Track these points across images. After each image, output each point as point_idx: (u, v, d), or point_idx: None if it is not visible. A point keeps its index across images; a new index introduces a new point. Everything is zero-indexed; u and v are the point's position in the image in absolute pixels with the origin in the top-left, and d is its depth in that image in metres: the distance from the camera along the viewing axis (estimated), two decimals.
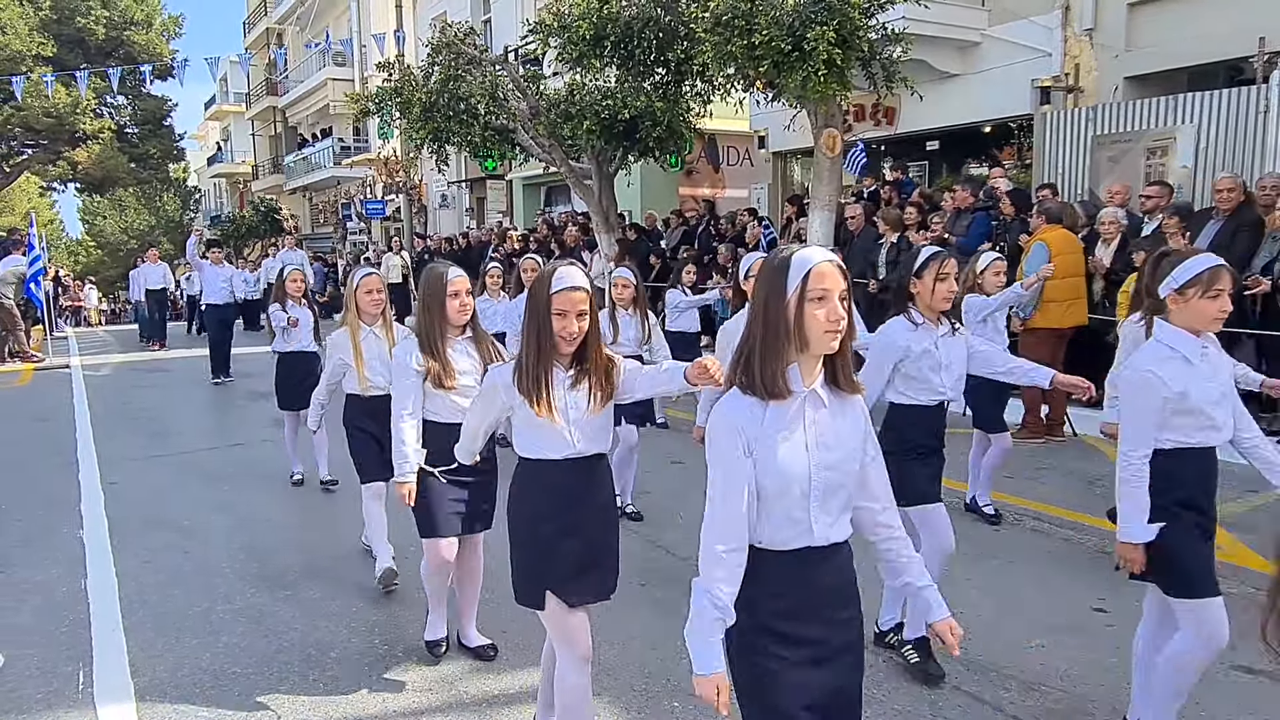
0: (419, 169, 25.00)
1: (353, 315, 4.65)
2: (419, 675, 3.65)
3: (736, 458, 1.93)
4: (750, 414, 1.94)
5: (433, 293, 3.53)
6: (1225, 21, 8.73)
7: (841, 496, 2.01)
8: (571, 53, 11.85)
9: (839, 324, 1.89)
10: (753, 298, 1.98)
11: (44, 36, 29.78)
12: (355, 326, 4.64)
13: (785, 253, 1.94)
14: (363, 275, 4.74)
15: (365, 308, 4.65)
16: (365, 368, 4.58)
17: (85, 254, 57.09)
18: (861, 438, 2.05)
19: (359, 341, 4.62)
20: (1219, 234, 6.81)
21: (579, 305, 2.60)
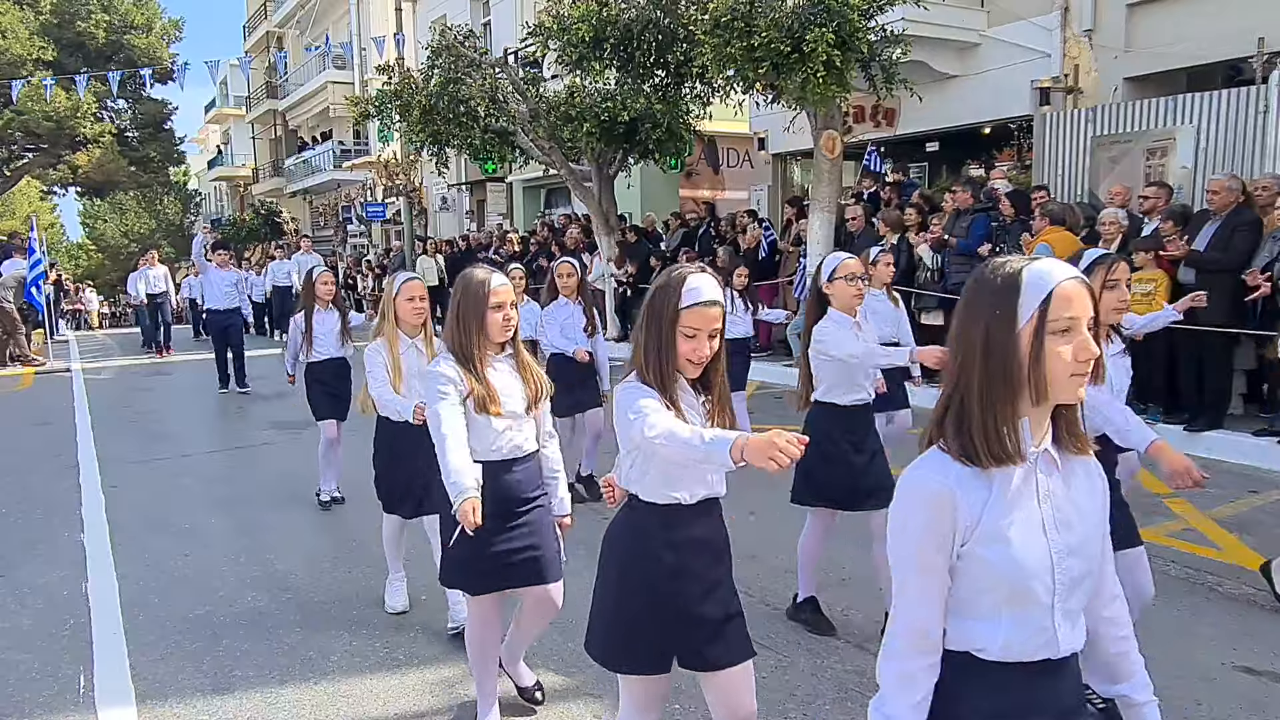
0: (419, 172, 25.01)
1: (390, 325, 4.08)
2: (420, 679, 3.65)
3: (940, 546, 1.45)
4: (968, 487, 1.44)
5: (471, 304, 2.95)
6: (1224, 22, 8.74)
7: (1086, 587, 1.52)
8: (571, 55, 11.87)
9: (1088, 364, 1.42)
10: (959, 328, 1.50)
11: (44, 40, 29.79)
12: (394, 338, 4.07)
13: (1010, 267, 1.46)
14: (404, 280, 4.19)
15: (406, 317, 4.09)
16: (404, 385, 4.02)
17: (86, 257, 57.11)
18: (1102, 509, 1.55)
19: (398, 356, 4.06)
20: (1217, 233, 6.81)
21: (713, 323, 2.14)
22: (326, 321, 6.02)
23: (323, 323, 6.00)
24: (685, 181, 17.72)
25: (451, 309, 2.99)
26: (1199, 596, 4.26)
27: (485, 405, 2.90)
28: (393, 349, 4.06)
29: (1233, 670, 3.53)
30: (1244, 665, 3.56)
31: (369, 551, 5.12)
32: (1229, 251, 6.70)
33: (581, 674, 3.61)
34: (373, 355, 4.08)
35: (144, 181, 37.40)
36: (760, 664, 3.65)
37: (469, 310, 2.94)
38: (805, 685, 3.48)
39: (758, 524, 5.31)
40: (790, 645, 3.82)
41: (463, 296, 2.98)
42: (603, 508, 3.26)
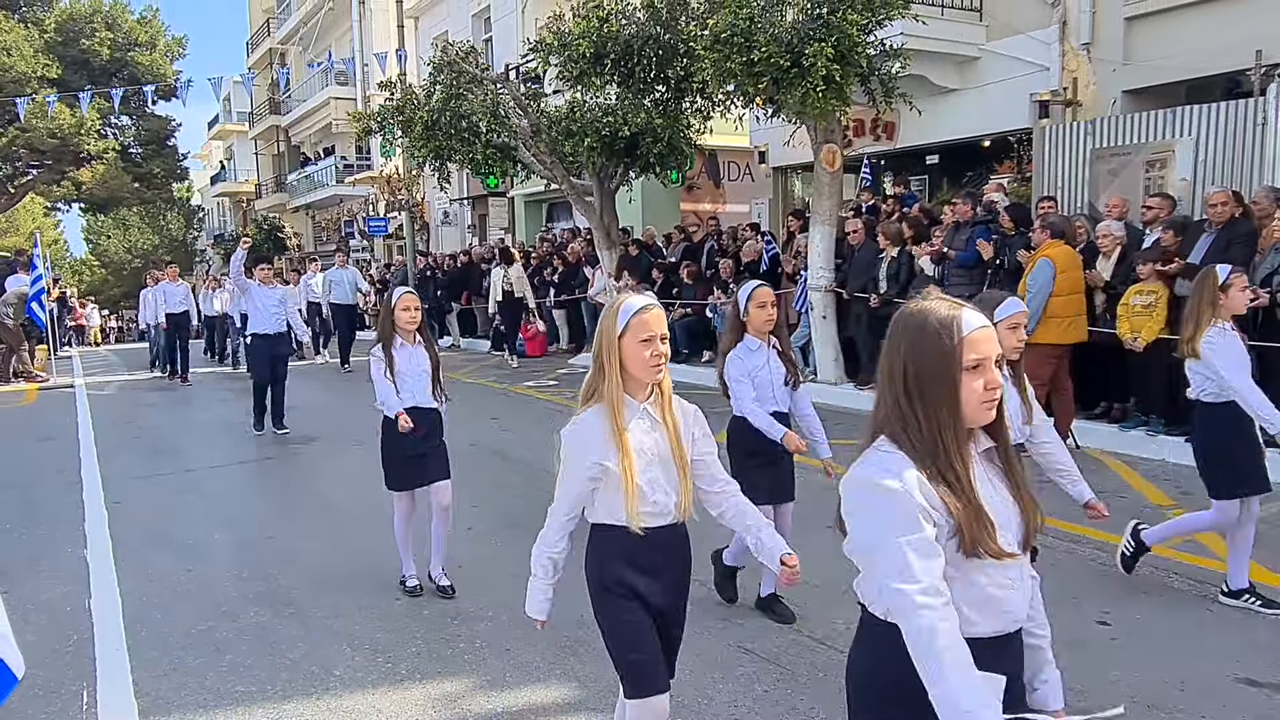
0: (421, 186, 25.12)
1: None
2: (423, 694, 3.65)
3: None
4: None
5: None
6: (1222, 35, 8.78)
7: None
8: (572, 70, 11.94)
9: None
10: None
11: (49, 58, 30.00)
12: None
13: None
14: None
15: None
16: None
17: (90, 273, 57.29)
18: None
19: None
20: (1213, 245, 6.83)
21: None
22: (412, 360, 4.69)
23: (408, 360, 4.67)
24: (686, 195, 17.78)
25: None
26: (1201, 608, 4.25)
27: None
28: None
29: (1235, 682, 3.53)
30: (1247, 677, 3.56)
31: (372, 567, 5.13)
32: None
33: (584, 688, 3.61)
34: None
35: (147, 197, 37.60)
36: (762, 676, 3.66)
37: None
38: (806, 698, 3.48)
39: None
40: (792, 658, 3.82)
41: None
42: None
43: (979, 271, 8.42)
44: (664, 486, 2.47)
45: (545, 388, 11.59)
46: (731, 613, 4.30)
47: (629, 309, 2.40)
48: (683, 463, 2.49)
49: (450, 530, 4.86)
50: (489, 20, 22.27)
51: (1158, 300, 6.94)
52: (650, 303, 2.44)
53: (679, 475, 2.50)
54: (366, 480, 7.23)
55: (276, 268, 13.06)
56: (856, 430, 1.93)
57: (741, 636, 4.04)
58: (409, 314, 4.66)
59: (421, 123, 13.31)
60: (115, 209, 40.84)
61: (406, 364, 4.65)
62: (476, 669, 3.84)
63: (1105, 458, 7.12)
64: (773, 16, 9.03)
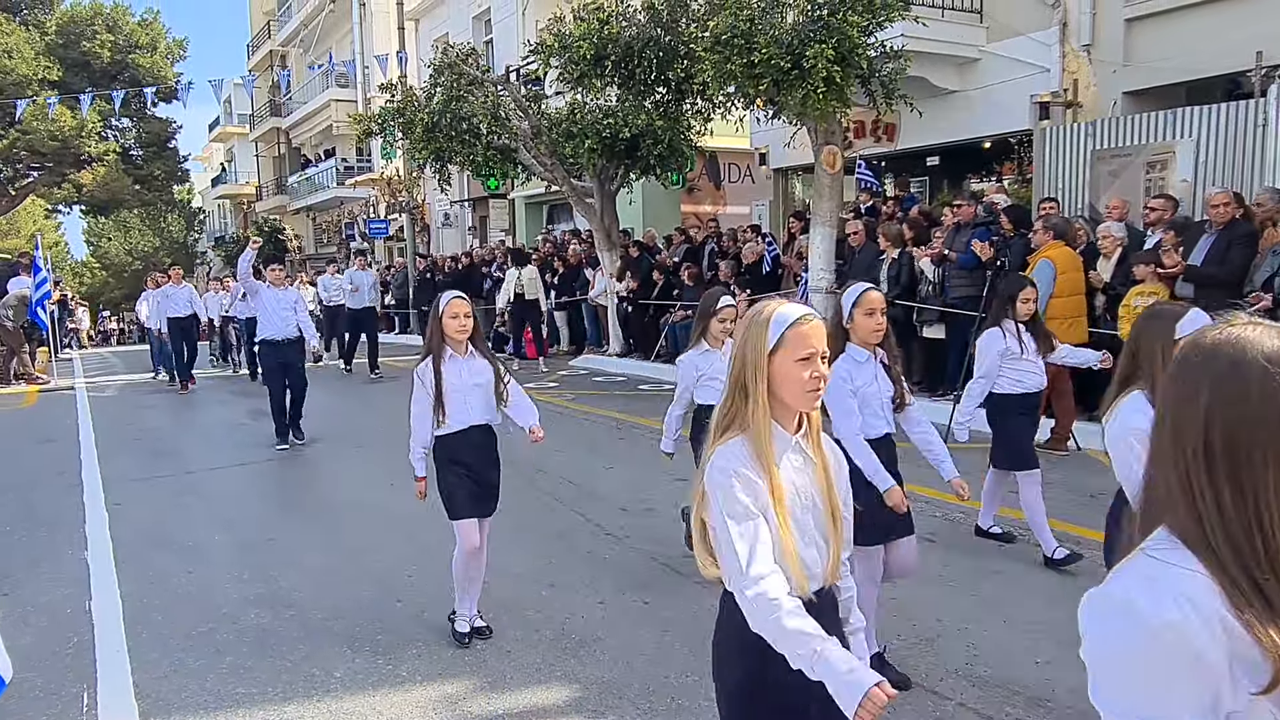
0: (422, 189, 25.13)
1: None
2: (424, 695, 3.64)
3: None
4: None
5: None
6: (1222, 36, 8.78)
7: None
8: (573, 72, 11.95)
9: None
10: None
11: (50, 60, 30.05)
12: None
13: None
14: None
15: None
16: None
17: (90, 275, 57.33)
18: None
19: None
20: (1213, 247, 6.83)
21: None
22: (467, 372, 4.08)
23: (460, 374, 4.06)
24: (687, 197, 17.80)
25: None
26: None
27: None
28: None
29: None
30: None
31: (372, 568, 5.13)
32: (1226, 265, 6.71)
33: (584, 690, 3.61)
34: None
35: (148, 199, 37.66)
36: None
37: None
38: None
39: None
40: None
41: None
42: None
43: (979, 273, 8.42)
44: (815, 539, 1.99)
45: (546, 389, 11.59)
46: None
47: (782, 319, 1.95)
48: (835, 511, 2.03)
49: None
50: (489, 22, 22.29)
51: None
52: (807, 312, 1.99)
53: (830, 527, 2.02)
54: (367, 482, 7.24)
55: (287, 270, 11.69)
56: None
57: None
58: (458, 321, 4.02)
59: (422, 125, 13.32)
60: (116, 211, 40.88)
61: (458, 379, 4.01)
62: (477, 670, 3.83)
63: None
64: (773, 18, 9.04)
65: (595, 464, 7.44)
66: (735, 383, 2.00)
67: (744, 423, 1.97)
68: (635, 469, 7.24)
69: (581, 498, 6.29)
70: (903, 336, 9.52)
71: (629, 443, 8.32)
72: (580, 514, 5.93)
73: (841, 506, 2.05)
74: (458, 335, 4.05)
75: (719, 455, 1.95)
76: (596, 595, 4.59)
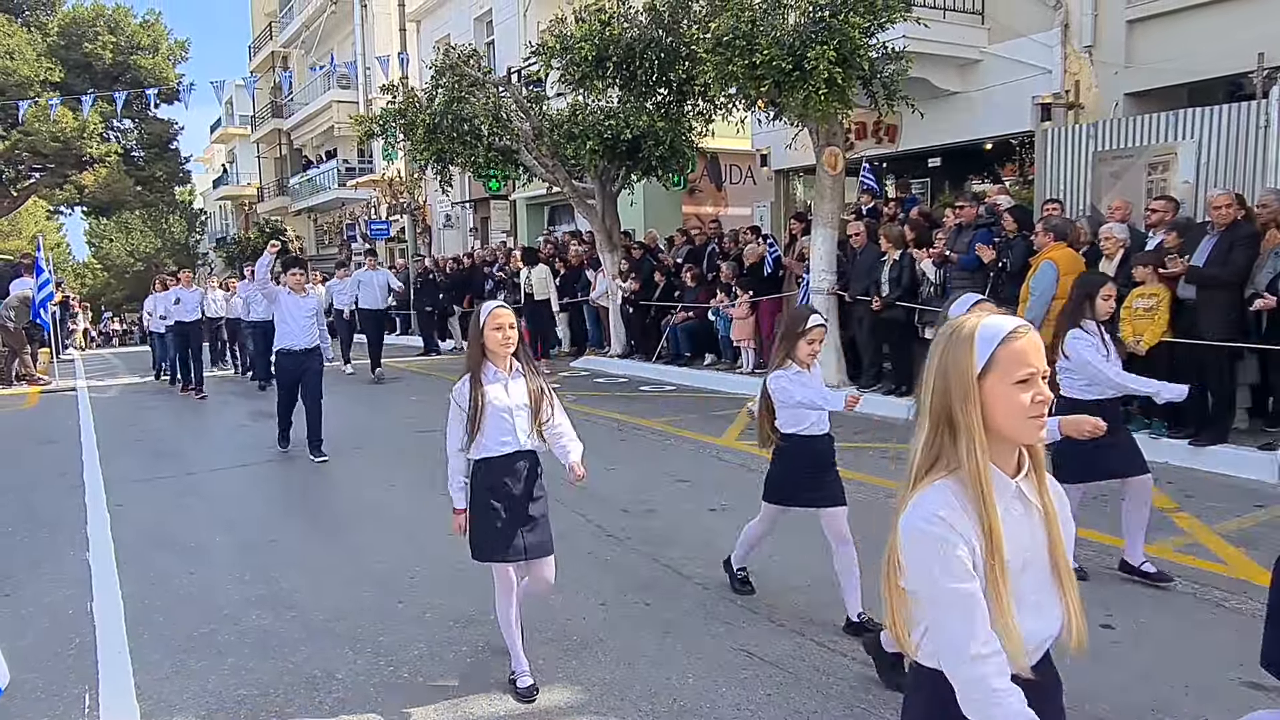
0: (423, 190, 25.15)
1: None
2: (424, 697, 3.64)
3: None
4: None
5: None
6: (1224, 37, 8.78)
7: None
8: (574, 74, 11.96)
9: None
10: None
11: (51, 61, 30.10)
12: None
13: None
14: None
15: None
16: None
17: (92, 276, 57.41)
18: None
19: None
20: (1215, 248, 6.82)
21: None
22: (511, 391, 3.64)
23: (503, 393, 3.62)
24: (688, 198, 17.80)
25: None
26: (1205, 612, 4.24)
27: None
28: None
29: (1240, 686, 3.52)
30: (1251, 681, 3.54)
31: (374, 570, 5.13)
32: (1228, 266, 6.70)
33: (587, 691, 3.61)
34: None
35: (149, 201, 37.70)
36: (765, 680, 3.65)
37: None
38: (810, 702, 3.47)
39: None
40: (795, 662, 3.81)
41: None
42: None
43: (981, 274, 8.41)
44: (1039, 605, 1.67)
45: None
46: (735, 616, 4.30)
47: (991, 335, 1.62)
48: (1063, 570, 1.69)
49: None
50: (491, 23, 22.31)
51: (1159, 303, 6.93)
52: (1020, 324, 1.65)
53: (1058, 588, 1.69)
54: (368, 483, 7.25)
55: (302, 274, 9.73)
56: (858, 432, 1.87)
57: (745, 640, 4.03)
58: (502, 334, 3.58)
59: (423, 126, 13.33)
60: (117, 212, 40.94)
61: (501, 398, 3.59)
62: (479, 672, 3.83)
63: None
64: (774, 19, 9.04)
65: (596, 465, 7.39)
66: (937, 415, 1.64)
67: (952, 462, 1.63)
68: (637, 470, 7.24)
69: (583, 499, 6.29)
70: (904, 338, 9.54)
71: (630, 444, 8.32)
72: (581, 515, 5.93)
73: (1071, 562, 1.71)
74: (501, 349, 3.62)
75: (921, 504, 1.62)
76: (598, 597, 4.59)
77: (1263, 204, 7.07)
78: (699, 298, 12.46)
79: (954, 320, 1.68)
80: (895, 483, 1.63)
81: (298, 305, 8.12)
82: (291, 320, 8.09)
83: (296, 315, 8.09)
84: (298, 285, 8.28)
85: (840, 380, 10.10)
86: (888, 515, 1.71)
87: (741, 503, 6.19)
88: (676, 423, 9.15)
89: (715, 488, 6.64)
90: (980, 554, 1.58)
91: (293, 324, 8.09)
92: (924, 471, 1.66)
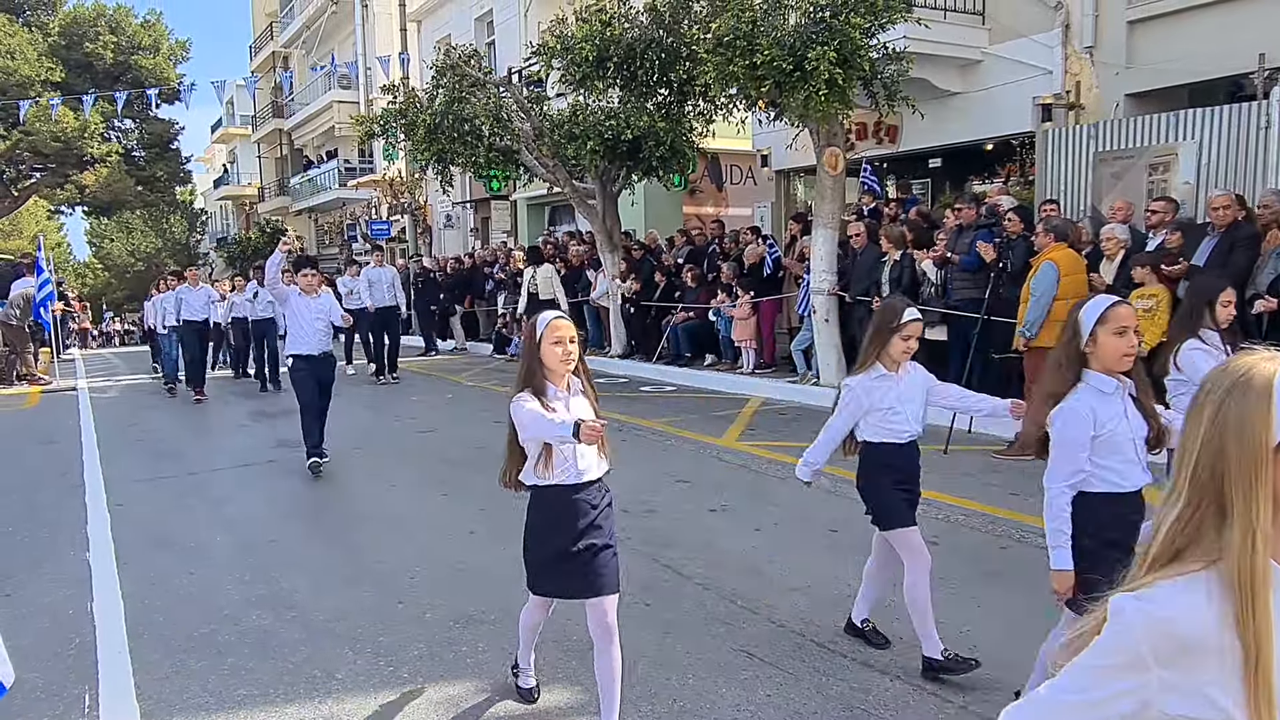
0: (424, 190, 25.16)
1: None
2: (424, 698, 3.64)
3: None
4: None
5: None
6: (1225, 38, 8.78)
7: None
8: (575, 74, 11.96)
9: None
10: None
11: (52, 61, 30.12)
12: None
13: None
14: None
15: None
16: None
17: (93, 276, 57.45)
18: None
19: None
20: (1215, 249, 6.83)
21: None
22: (573, 412, 3.16)
23: (565, 414, 3.13)
24: (689, 198, 17.80)
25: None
26: None
27: None
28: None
29: None
30: None
31: (374, 570, 5.13)
32: (1228, 267, 6.70)
33: (586, 693, 3.61)
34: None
35: (150, 201, 37.76)
36: (765, 681, 3.65)
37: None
38: (810, 703, 3.47)
39: (764, 540, 5.31)
40: (795, 663, 3.81)
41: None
42: None
43: (982, 275, 8.41)
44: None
45: None
46: (735, 617, 4.30)
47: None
48: None
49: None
50: (491, 24, 22.31)
51: (1159, 304, 6.92)
52: None
53: None
54: (369, 484, 7.25)
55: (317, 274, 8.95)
56: None
57: (745, 641, 4.03)
58: (563, 349, 3.14)
59: (424, 126, 13.33)
60: (118, 212, 40.99)
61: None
62: (479, 673, 3.83)
63: None
64: (775, 20, 9.04)
65: None
66: (1202, 486, 1.23)
67: (1212, 551, 1.21)
68: (637, 471, 7.24)
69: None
70: None
71: (630, 445, 8.32)
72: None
73: None
74: (561, 367, 3.18)
75: (1155, 600, 1.20)
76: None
77: (1264, 205, 7.08)
78: (699, 298, 12.47)
79: (1236, 364, 1.25)
80: None
81: (309, 307, 7.64)
82: (305, 323, 7.61)
83: (308, 317, 7.61)
84: (309, 288, 7.76)
85: (841, 381, 10.08)
86: None
87: (742, 504, 6.19)
88: (677, 423, 9.15)
89: (715, 488, 6.64)
90: (1237, 676, 1.17)
91: (306, 328, 7.61)
92: (1172, 554, 1.25)
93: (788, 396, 10.36)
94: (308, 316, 7.61)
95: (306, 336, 7.61)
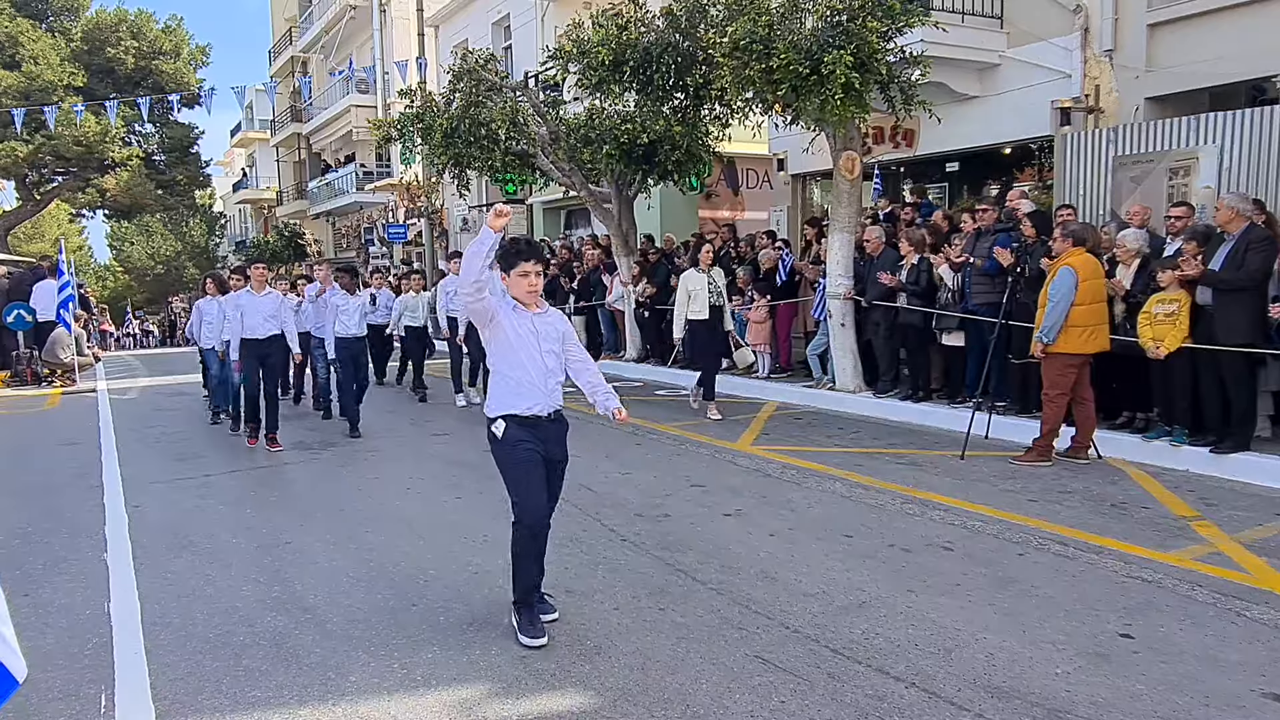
0: (440, 194, 25.25)
1: None
2: (438, 700, 3.64)
3: None
4: None
5: None
6: (1246, 42, 8.70)
7: None
8: (591, 78, 11.97)
9: None
10: None
11: (74, 67, 30.45)
12: None
13: None
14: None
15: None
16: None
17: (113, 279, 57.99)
18: None
19: None
20: (1230, 253, 6.76)
21: None
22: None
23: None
24: (705, 202, 17.79)
25: None
26: (1226, 622, 4.19)
27: None
28: None
29: (1261, 698, 3.47)
30: (1273, 693, 3.50)
31: (388, 572, 5.14)
32: (1243, 270, 6.63)
33: (599, 696, 3.60)
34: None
35: (170, 204, 38.11)
36: (779, 687, 3.63)
37: None
38: (824, 710, 3.45)
39: (778, 545, 5.28)
40: (809, 669, 3.78)
41: None
42: None
43: (1001, 279, 8.36)
44: None
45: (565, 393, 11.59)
46: (748, 622, 4.28)
47: None
48: None
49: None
50: (509, 28, 22.39)
51: (1180, 309, 6.86)
52: None
53: None
54: (383, 486, 7.27)
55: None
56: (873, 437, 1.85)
57: (759, 646, 4.01)
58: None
59: (441, 130, 13.37)
60: (138, 215, 41.35)
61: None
62: (492, 676, 3.83)
63: (1128, 468, 7.05)
64: (792, 24, 9.02)
65: (612, 470, 7.44)
66: None
67: None
68: (652, 475, 7.23)
69: (597, 504, 6.29)
70: (921, 342, 9.50)
71: (645, 448, 8.31)
72: (596, 519, 5.93)
73: None
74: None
75: None
76: (611, 601, 4.58)
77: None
78: None
79: None
80: (910, 489, 1.57)
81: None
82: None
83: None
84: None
85: (857, 385, 10.06)
86: (901, 523, 1.70)
87: (757, 508, 6.17)
88: (692, 427, 9.13)
89: (730, 493, 6.62)
90: None
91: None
92: None
93: (803, 401, 10.32)
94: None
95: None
